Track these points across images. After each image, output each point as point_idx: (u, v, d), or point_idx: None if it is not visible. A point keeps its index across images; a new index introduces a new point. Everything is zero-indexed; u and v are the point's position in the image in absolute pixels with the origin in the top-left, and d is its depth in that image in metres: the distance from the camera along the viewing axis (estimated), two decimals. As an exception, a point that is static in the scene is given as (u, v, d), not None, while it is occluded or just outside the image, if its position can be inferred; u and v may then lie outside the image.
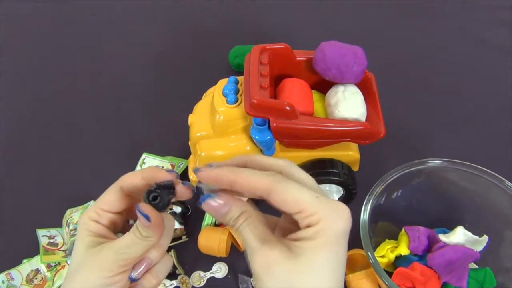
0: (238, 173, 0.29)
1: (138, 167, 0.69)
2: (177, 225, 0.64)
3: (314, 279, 0.27)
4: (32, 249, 0.64)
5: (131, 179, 0.33)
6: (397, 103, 0.79)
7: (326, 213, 0.27)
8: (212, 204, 0.29)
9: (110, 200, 0.33)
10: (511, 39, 0.93)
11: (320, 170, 0.60)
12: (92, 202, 0.66)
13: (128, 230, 0.32)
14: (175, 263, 0.61)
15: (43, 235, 0.64)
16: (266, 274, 0.27)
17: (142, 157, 0.71)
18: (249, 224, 0.29)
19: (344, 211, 0.28)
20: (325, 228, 0.27)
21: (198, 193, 0.32)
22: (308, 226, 0.27)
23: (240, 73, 0.61)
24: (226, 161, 0.31)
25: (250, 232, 0.29)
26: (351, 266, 0.60)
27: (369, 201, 0.56)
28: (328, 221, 0.27)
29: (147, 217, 0.30)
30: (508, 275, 0.56)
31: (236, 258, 0.63)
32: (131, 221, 0.37)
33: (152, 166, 0.32)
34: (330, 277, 0.27)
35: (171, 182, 0.32)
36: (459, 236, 0.57)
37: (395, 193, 0.60)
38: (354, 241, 0.61)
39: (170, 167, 0.69)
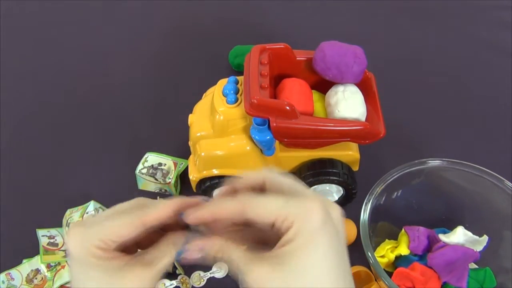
0: (211, 208, 0.30)
1: (140, 165, 0.69)
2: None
3: (307, 280, 0.27)
4: (32, 249, 0.63)
5: (157, 216, 0.31)
6: (397, 103, 0.79)
7: (297, 213, 0.27)
8: (187, 257, 0.31)
9: (125, 235, 0.30)
10: (511, 39, 0.94)
11: (320, 170, 0.60)
12: (92, 202, 0.66)
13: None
14: (175, 263, 0.61)
15: (43, 235, 0.64)
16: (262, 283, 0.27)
17: (145, 155, 0.71)
18: (231, 254, 0.30)
19: (314, 206, 0.28)
20: (300, 227, 0.27)
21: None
22: (286, 231, 0.28)
23: (240, 73, 0.61)
24: (220, 190, 0.33)
25: (235, 260, 0.29)
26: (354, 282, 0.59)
27: (369, 201, 0.56)
28: (301, 220, 0.27)
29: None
30: (508, 275, 0.56)
31: (236, 258, 0.63)
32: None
33: (176, 198, 0.31)
34: (324, 273, 0.27)
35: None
36: (459, 236, 0.57)
37: (395, 193, 0.60)
38: (354, 241, 0.62)
39: (172, 165, 0.69)
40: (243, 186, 0.32)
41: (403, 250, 0.57)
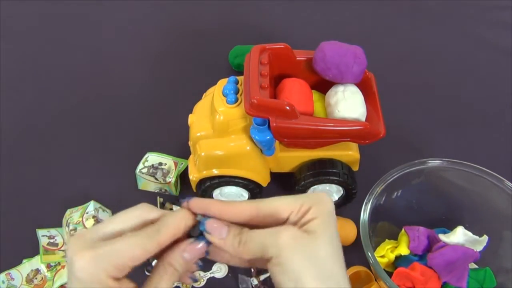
0: (224, 204, 0.32)
1: (140, 165, 0.69)
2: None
3: (327, 250, 0.29)
4: (32, 249, 0.63)
5: (172, 235, 0.31)
6: (397, 103, 0.79)
7: (311, 200, 0.31)
8: (214, 224, 0.31)
9: (141, 257, 0.29)
10: (511, 39, 0.94)
11: (320, 170, 0.60)
12: (92, 202, 0.66)
13: None
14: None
15: (43, 235, 0.64)
16: (293, 246, 0.29)
17: (146, 155, 0.71)
18: (253, 232, 0.31)
19: (323, 195, 0.32)
20: (319, 210, 0.30)
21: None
22: (303, 215, 0.30)
23: (240, 73, 0.61)
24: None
25: (256, 236, 0.30)
26: (354, 282, 0.59)
27: (369, 201, 0.56)
28: (317, 204, 0.31)
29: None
30: (508, 275, 0.56)
31: (236, 258, 0.63)
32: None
33: (183, 211, 0.32)
34: (337, 248, 0.30)
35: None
36: (459, 236, 0.57)
37: (395, 193, 0.60)
38: (354, 241, 0.62)
39: (172, 165, 0.69)
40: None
41: (403, 250, 0.57)
